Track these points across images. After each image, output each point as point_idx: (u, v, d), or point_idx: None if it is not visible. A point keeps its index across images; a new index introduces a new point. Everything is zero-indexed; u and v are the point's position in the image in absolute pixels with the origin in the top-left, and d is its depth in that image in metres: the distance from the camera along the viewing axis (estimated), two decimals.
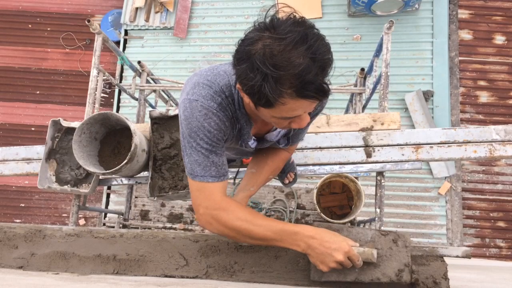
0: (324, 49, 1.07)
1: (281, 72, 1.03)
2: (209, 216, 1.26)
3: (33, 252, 1.32)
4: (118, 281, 1.14)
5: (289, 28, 1.05)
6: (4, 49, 6.36)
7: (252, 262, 1.31)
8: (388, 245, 1.23)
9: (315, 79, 1.05)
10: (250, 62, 1.06)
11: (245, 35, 1.12)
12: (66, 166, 2.63)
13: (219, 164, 1.28)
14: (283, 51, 1.03)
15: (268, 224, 1.22)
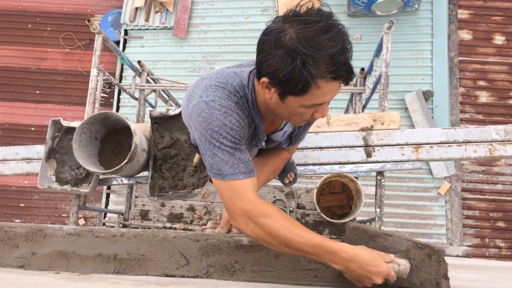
0: (345, 35, 1.15)
1: (321, 52, 1.08)
2: (247, 217, 1.20)
3: (33, 252, 1.32)
4: (119, 280, 1.14)
5: (316, 17, 1.12)
6: (4, 49, 6.36)
7: (253, 262, 1.31)
8: (421, 257, 1.21)
9: (345, 61, 1.13)
10: (286, 48, 1.10)
11: (268, 27, 1.16)
12: (66, 166, 2.63)
13: (246, 160, 1.24)
14: (316, 35, 1.09)
15: (307, 236, 1.17)
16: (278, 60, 1.11)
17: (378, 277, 1.14)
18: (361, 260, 1.13)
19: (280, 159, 1.69)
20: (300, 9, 1.14)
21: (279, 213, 1.21)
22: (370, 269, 1.13)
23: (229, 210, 1.24)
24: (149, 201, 4.12)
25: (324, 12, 1.14)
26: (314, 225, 3.97)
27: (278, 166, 1.70)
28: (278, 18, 1.15)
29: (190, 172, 2.52)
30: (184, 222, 4.10)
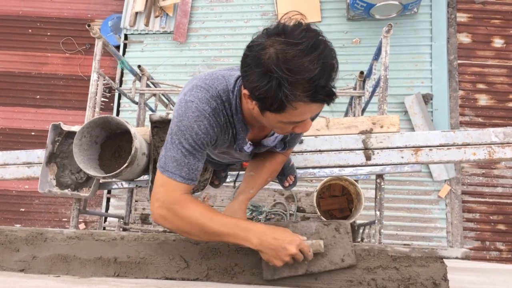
0: (331, 54, 1.11)
1: (297, 76, 1.06)
2: (165, 209, 1.26)
3: (34, 255, 1.32)
4: (119, 283, 1.14)
5: (301, 34, 1.08)
6: (4, 54, 6.38)
7: (253, 264, 1.31)
8: (331, 233, 1.30)
9: (325, 84, 1.10)
10: (264, 67, 1.09)
11: (253, 40, 1.15)
12: (67, 170, 2.64)
13: (193, 168, 1.29)
14: (297, 56, 1.06)
15: (222, 219, 1.25)
16: (256, 78, 1.11)
17: (291, 245, 1.21)
18: (273, 232, 1.23)
19: (277, 162, 1.69)
20: (286, 25, 1.12)
21: (197, 203, 1.28)
22: (284, 238, 1.22)
23: (153, 199, 1.29)
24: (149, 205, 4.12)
25: (310, 31, 1.11)
26: None
27: (275, 168, 1.71)
28: (264, 32, 1.14)
29: None
30: None
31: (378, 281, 1.25)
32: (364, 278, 1.25)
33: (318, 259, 1.27)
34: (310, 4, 5.71)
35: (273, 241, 1.22)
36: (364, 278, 1.25)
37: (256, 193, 1.66)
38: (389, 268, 1.26)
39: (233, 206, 1.56)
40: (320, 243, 1.26)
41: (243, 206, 1.58)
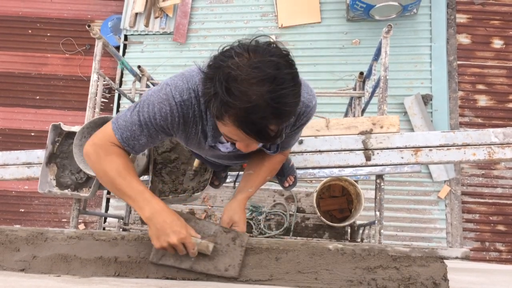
0: (289, 99, 1.07)
1: (230, 99, 1.04)
2: (92, 149, 1.34)
3: (34, 255, 1.32)
4: (119, 283, 1.14)
5: (265, 63, 1.05)
6: (4, 55, 6.38)
7: (253, 264, 1.31)
8: (226, 241, 1.32)
9: (259, 122, 1.07)
10: (214, 73, 1.09)
11: (229, 46, 1.15)
12: (67, 170, 2.64)
13: (136, 138, 1.33)
14: (245, 80, 1.04)
15: (132, 182, 1.31)
16: (205, 78, 1.14)
17: (174, 236, 1.24)
18: (166, 215, 1.27)
19: (276, 161, 1.69)
20: (262, 46, 1.10)
21: (122, 161, 1.34)
22: (171, 226, 1.25)
23: (91, 137, 1.39)
24: None
25: (282, 64, 1.06)
26: (314, 228, 3.97)
27: (274, 167, 1.70)
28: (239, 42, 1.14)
29: (190, 176, 2.52)
30: None
31: (378, 281, 1.25)
32: (365, 278, 1.25)
33: (205, 260, 1.29)
34: (309, 5, 5.71)
35: (162, 222, 1.26)
36: (364, 278, 1.25)
37: (254, 192, 1.66)
38: (389, 268, 1.26)
39: (232, 205, 1.57)
40: (208, 245, 1.28)
41: (242, 205, 1.59)
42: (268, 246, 1.33)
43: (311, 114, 1.44)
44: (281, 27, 5.74)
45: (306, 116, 1.44)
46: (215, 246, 1.30)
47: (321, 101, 5.42)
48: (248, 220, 4.02)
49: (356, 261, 1.28)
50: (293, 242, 1.35)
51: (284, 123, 1.14)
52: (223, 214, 1.58)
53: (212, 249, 1.29)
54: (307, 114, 1.43)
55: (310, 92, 1.40)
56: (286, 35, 5.75)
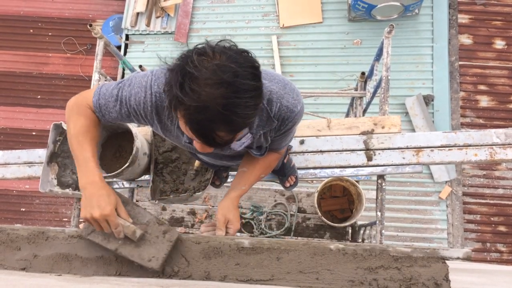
0: (240, 110, 1.07)
1: (180, 94, 1.05)
2: (71, 104, 1.44)
3: (35, 254, 1.32)
4: (120, 282, 1.14)
5: (225, 68, 1.05)
6: (5, 54, 6.38)
7: (254, 264, 1.31)
8: (157, 233, 1.31)
9: (206, 124, 1.08)
10: (176, 66, 1.10)
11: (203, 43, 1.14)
12: (68, 170, 2.64)
13: (109, 107, 1.39)
14: (200, 80, 1.04)
15: (84, 147, 1.36)
16: (169, 68, 1.14)
17: (98, 210, 1.25)
18: (99, 189, 1.29)
19: (271, 159, 1.68)
20: (229, 49, 1.10)
21: (86, 124, 1.40)
22: (98, 200, 1.27)
23: (79, 94, 1.46)
24: (150, 205, 4.12)
25: (234, 70, 1.05)
26: (315, 228, 3.97)
27: (268, 165, 1.70)
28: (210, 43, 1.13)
29: (191, 175, 2.52)
30: (185, 226, 4.10)
31: (379, 281, 1.25)
32: (366, 278, 1.25)
33: (131, 246, 1.28)
34: (311, 5, 5.71)
35: (91, 194, 1.28)
36: (365, 278, 1.25)
37: (247, 190, 1.66)
38: (390, 268, 1.26)
39: (226, 204, 1.57)
40: (135, 231, 1.27)
41: (235, 203, 1.59)
42: (269, 246, 1.33)
43: (297, 119, 1.43)
44: (283, 27, 5.74)
45: (291, 121, 1.43)
46: (144, 234, 1.29)
47: (322, 101, 5.43)
48: (249, 220, 4.02)
49: (357, 261, 1.28)
50: (295, 242, 1.35)
51: (235, 132, 1.14)
52: (217, 213, 1.58)
53: (140, 236, 1.28)
54: (292, 119, 1.42)
55: (295, 97, 1.39)
56: (287, 35, 5.75)
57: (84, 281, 1.15)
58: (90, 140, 1.39)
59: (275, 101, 1.37)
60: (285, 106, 1.37)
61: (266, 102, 1.36)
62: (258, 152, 1.59)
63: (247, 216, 4.03)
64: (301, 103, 1.42)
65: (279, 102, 1.37)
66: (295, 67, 5.65)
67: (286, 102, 1.37)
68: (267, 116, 1.40)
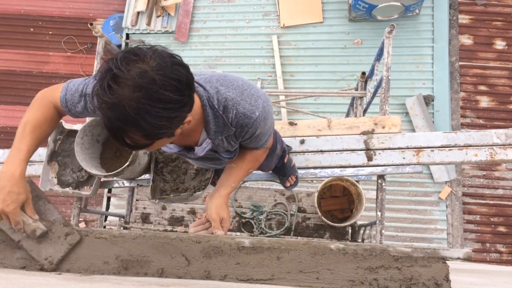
0: (149, 117, 1.08)
1: (99, 87, 1.09)
2: (38, 95, 1.48)
3: None
4: (120, 281, 1.14)
5: (148, 74, 1.07)
6: (6, 53, 6.38)
7: (255, 263, 1.31)
8: (60, 234, 1.31)
9: (115, 122, 1.10)
10: (111, 59, 1.11)
11: (138, 45, 1.17)
12: (68, 169, 2.64)
13: (74, 104, 1.44)
14: (120, 78, 1.06)
15: (24, 138, 1.38)
16: (106, 60, 1.15)
17: (0, 204, 1.23)
18: (11, 184, 1.26)
19: (258, 153, 1.67)
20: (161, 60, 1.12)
21: (42, 120, 1.43)
22: (4, 194, 1.24)
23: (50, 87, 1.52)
24: (150, 204, 4.12)
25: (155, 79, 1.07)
26: (315, 228, 3.97)
27: (257, 159, 1.69)
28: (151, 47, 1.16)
29: (191, 175, 2.52)
30: (185, 225, 4.10)
31: (380, 281, 1.25)
32: (366, 278, 1.25)
33: (33, 241, 1.29)
34: (311, 5, 5.71)
35: (2, 187, 1.26)
36: (366, 278, 1.25)
37: (237, 186, 1.65)
38: (391, 268, 1.26)
39: (217, 202, 1.56)
40: (35, 230, 1.27)
41: (226, 200, 1.58)
42: (269, 245, 1.33)
43: (257, 125, 1.42)
44: (283, 26, 5.74)
45: (251, 127, 1.41)
46: (47, 232, 1.30)
47: (322, 101, 5.43)
48: (249, 220, 4.02)
49: (357, 261, 1.28)
50: (295, 241, 1.35)
51: (151, 138, 1.16)
52: (209, 211, 1.56)
53: (41, 234, 1.28)
54: (251, 125, 1.40)
55: (253, 103, 1.38)
56: (288, 34, 5.75)
57: (84, 279, 1.15)
58: (35, 135, 1.39)
59: (231, 108, 1.37)
60: (241, 113, 1.37)
61: (222, 109, 1.37)
62: (228, 156, 1.59)
63: (247, 215, 4.03)
64: (260, 108, 1.40)
65: (235, 109, 1.37)
66: (295, 66, 5.64)
67: (243, 109, 1.37)
68: (223, 123, 1.40)
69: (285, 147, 2.28)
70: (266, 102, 1.44)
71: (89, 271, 1.28)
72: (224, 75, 1.44)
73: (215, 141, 1.48)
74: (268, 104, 1.45)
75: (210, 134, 1.44)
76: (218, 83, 1.38)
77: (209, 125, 1.41)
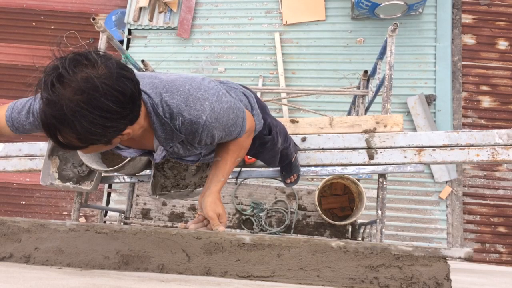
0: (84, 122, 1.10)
1: (42, 81, 1.15)
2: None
3: (36, 247, 1.32)
4: (121, 276, 1.14)
5: (92, 80, 1.08)
6: (8, 47, 6.37)
7: (255, 260, 1.31)
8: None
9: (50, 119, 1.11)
10: (61, 57, 1.16)
11: (91, 50, 1.18)
12: (69, 163, 2.64)
13: (21, 122, 1.49)
14: (65, 79, 1.09)
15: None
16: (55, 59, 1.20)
17: None
18: None
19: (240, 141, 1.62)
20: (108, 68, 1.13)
21: None
22: None
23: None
24: (151, 200, 4.12)
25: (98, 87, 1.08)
26: (315, 226, 3.97)
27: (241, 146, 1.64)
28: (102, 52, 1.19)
29: (192, 171, 2.52)
30: (185, 221, 4.10)
31: (380, 280, 1.24)
32: (367, 276, 1.25)
33: None
34: (314, 3, 5.70)
35: None
36: (366, 276, 1.25)
37: (227, 179, 1.64)
38: (392, 266, 1.26)
39: (211, 200, 1.56)
40: None
41: (218, 196, 1.58)
42: (270, 242, 1.33)
43: (209, 128, 1.40)
44: (286, 24, 5.73)
45: (203, 131, 1.40)
46: None
47: (324, 99, 5.42)
48: (249, 217, 4.02)
49: (358, 259, 1.28)
50: (296, 239, 1.35)
51: (85, 143, 1.17)
52: (205, 210, 1.56)
53: None
54: (202, 129, 1.39)
55: (198, 108, 1.36)
56: (290, 32, 5.74)
57: (84, 274, 1.15)
58: None
59: (176, 115, 1.36)
60: (187, 119, 1.36)
61: (169, 117, 1.36)
62: (194, 158, 1.61)
63: (247, 212, 4.03)
64: (206, 111, 1.37)
65: (180, 115, 1.36)
66: (297, 64, 5.64)
67: (188, 115, 1.35)
68: (171, 130, 1.39)
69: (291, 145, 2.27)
70: (217, 101, 1.40)
71: (90, 266, 1.28)
72: (173, 79, 1.41)
73: (167, 148, 1.47)
74: (221, 101, 1.42)
75: (161, 141, 1.43)
76: (164, 89, 1.37)
77: (157, 132, 1.40)
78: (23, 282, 0.91)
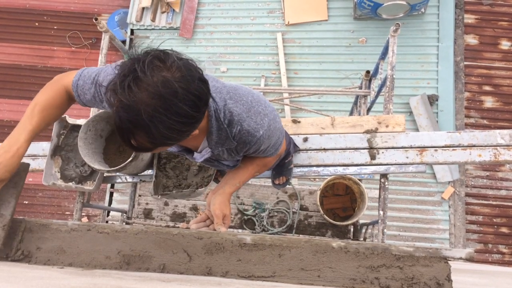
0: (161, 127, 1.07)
1: (119, 86, 1.07)
2: (54, 79, 1.48)
3: (38, 246, 1.33)
4: (122, 276, 1.14)
5: (170, 85, 1.05)
6: (10, 47, 6.39)
7: (256, 260, 1.31)
8: None
9: (126, 122, 1.09)
10: (135, 58, 1.10)
11: (168, 50, 1.16)
12: (71, 163, 2.64)
13: (84, 91, 1.43)
14: (143, 83, 1.04)
15: (33, 118, 1.41)
16: (127, 58, 1.15)
17: None
18: (4, 158, 1.30)
19: (267, 159, 1.68)
20: (186, 73, 1.10)
21: (51, 101, 1.43)
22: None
23: (66, 73, 1.50)
24: (153, 200, 4.13)
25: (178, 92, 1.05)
26: (317, 226, 3.97)
27: (265, 164, 1.69)
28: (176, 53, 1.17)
29: (194, 171, 2.52)
30: (187, 221, 4.10)
31: (381, 280, 1.24)
32: (368, 277, 1.25)
33: None
34: (316, 3, 5.69)
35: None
36: (367, 277, 1.25)
37: (241, 186, 1.65)
38: (392, 267, 1.26)
39: (221, 200, 1.56)
40: None
41: (229, 198, 1.59)
42: (271, 242, 1.33)
43: (260, 143, 1.42)
44: (288, 24, 5.73)
45: (253, 145, 1.41)
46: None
47: (326, 99, 5.42)
48: (251, 217, 4.03)
49: (359, 260, 1.28)
50: (297, 239, 1.35)
51: (156, 145, 1.16)
52: (214, 207, 1.56)
53: None
54: (254, 143, 1.40)
55: (258, 122, 1.37)
56: (292, 32, 5.74)
57: (86, 274, 1.15)
58: (43, 116, 1.41)
59: (236, 123, 1.36)
60: (245, 130, 1.37)
61: (227, 123, 1.36)
62: (229, 164, 1.60)
63: (249, 212, 4.03)
64: (264, 127, 1.39)
65: (239, 124, 1.36)
66: (299, 64, 5.64)
67: (247, 126, 1.36)
68: (226, 136, 1.40)
69: (290, 148, 2.27)
70: (273, 119, 1.42)
71: (91, 266, 1.29)
72: (236, 87, 1.41)
73: (215, 151, 1.47)
74: (275, 121, 1.44)
75: (211, 144, 1.43)
76: (228, 95, 1.37)
77: (211, 136, 1.40)
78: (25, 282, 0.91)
